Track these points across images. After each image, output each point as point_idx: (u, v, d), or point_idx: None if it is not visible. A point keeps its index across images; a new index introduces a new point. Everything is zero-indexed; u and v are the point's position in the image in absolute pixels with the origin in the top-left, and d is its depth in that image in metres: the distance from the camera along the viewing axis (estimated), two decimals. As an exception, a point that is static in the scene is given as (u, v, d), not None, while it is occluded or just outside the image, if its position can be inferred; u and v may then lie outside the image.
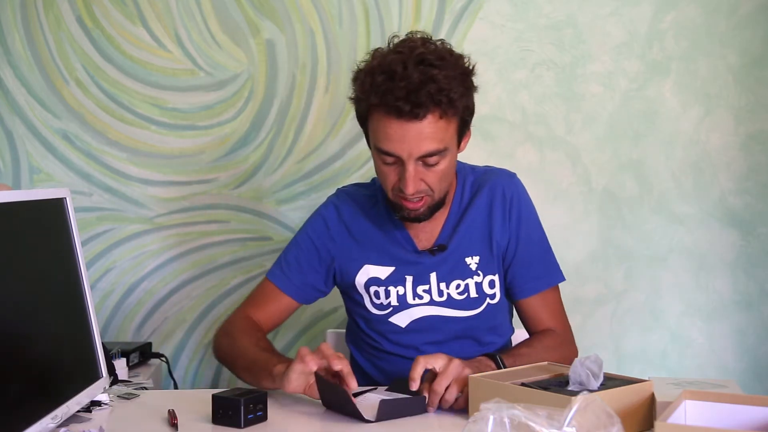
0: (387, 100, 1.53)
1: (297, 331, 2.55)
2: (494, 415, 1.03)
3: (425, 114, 1.53)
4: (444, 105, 1.54)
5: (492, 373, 1.49)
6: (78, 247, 1.52)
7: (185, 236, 2.56)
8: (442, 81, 1.53)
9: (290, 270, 1.78)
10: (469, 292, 1.74)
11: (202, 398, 1.56)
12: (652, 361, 2.51)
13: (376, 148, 1.61)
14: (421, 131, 1.55)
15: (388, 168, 1.61)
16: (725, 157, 2.47)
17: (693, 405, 1.26)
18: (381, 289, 1.75)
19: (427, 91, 1.52)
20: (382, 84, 1.54)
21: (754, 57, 2.45)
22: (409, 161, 1.57)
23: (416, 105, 1.52)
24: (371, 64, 1.60)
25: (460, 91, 1.56)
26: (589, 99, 2.49)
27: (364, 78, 1.59)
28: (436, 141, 1.56)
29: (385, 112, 1.55)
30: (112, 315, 2.57)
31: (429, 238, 1.75)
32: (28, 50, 2.52)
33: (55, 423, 1.34)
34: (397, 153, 1.57)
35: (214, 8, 2.51)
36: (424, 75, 1.52)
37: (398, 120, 1.54)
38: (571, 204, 2.51)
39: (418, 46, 1.58)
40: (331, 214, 1.79)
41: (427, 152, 1.57)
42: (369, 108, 1.59)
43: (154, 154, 2.55)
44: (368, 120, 1.62)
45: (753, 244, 2.48)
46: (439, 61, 1.56)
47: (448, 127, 1.58)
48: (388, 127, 1.56)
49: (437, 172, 1.61)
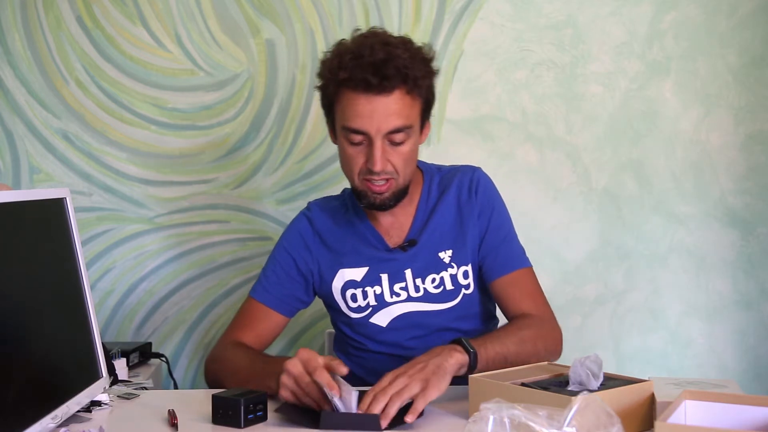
0: (355, 74, 1.59)
1: (297, 331, 2.55)
2: (494, 415, 1.03)
3: (393, 88, 1.60)
4: (410, 82, 1.61)
5: (492, 373, 1.49)
6: (78, 247, 1.52)
7: (185, 236, 2.56)
8: (407, 60, 1.61)
9: (270, 284, 1.80)
10: (444, 285, 1.76)
11: (202, 398, 1.56)
12: (652, 361, 2.51)
13: (344, 128, 1.65)
14: (389, 107, 1.60)
15: (355, 150, 1.65)
16: (725, 157, 2.48)
17: (693, 405, 1.26)
18: (358, 291, 1.77)
19: (394, 65, 1.59)
20: (350, 61, 1.61)
21: (754, 57, 2.45)
22: (377, 137, 1.62)
23: (384, 78, 1.58)
24: (337, 50, 1.67)
25: (422, 71, 1.64)
26: (589, 99, 2.49)
27: (331, 61, 1.66)
28: (402, 117, 1.62)
29: (353, 87, 1.61)
30: (112, 315, 2.57)
31: (399, 234, 1.78)
32: (28, 50, 2.52)
33: (55, 423, 1.34)
34: (365, 129, 1.62)
35: (214, 8, 2.51)
36: (389, 54, 1.60)
37: (366, 95, 1.60)
38: (571, 204, 2.51)
39: (382, 33, 1.67)
40: (304, 226, 1.82)
41: (395, 128, 1.62)
42: (338, 88, 1.64)
43: (154, 154, 2.55)
44: (336, 102, 1.67)
45: (753, 244, 2.48)
46: (402, 44, 1.64)
47: (414, 105, 1.64)
48: (357, 104, 1.61)
49: (402, 153, 1.65)
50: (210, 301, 2.57)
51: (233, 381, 1.63)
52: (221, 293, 2.57)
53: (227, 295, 2.57)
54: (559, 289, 2.50)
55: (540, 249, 2.47)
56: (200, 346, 2.58)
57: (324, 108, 1.73)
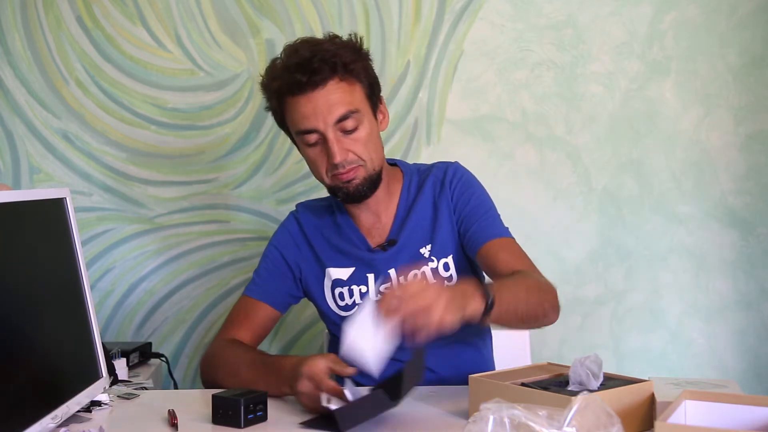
0: (286, 79, 1.64)
1: (297, 332, 2.54)
2: (494, 415, 1.03)
3: (325, 80, 1.63)
4: (340, 69, 1.64)
5: (492, 373, 1.49)
6: (78, 247, 1.52)
7: (185, 236, 2.56)
8: (332, 51, 1.64)
9: (263, 280, 1.83)
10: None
11: (202, 398, 1.56)
12: (652, 361, 2.51)
13: (297, 133, 1.69)
14: (328, 98, 1.63)
15: (315, 151, 1.68)
16: (725, 157, 2.47)
17: (693, 405, 1.26)
18: (344, 289, 1.79)
19: (319, 58, 1.62)
20: (279, 69, 1.67)
21: (754, 57, 2.45)
22: (328, 130, 1.64)
23: (312, 72, 1.62)
24: (270, 65, 1.73)
25: (350, 56, 1.66)
26: (589, 99, 2.49)
27: (266, 77, 1.72)
28: (344, 104, 1.64)
29: (290, 92, 1.65)
30: (112, 315, 2.57)
31: (381, 234, 1.80)
32: (28, 50, 2.52)
33: (55, 423, 1.34)
34: (313, 126, 1.64)
35: (214, 8, 2.51)
36: (313, 50, 1.64)
37: (304, 94, 1.63)
38: (571, 204, 2.51)
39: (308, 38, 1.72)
40: (293, 226, 1.86)
41: (340, 115, 1.64)
42: (279, 99, 1.68)
43: (154, 154, 2.55)
44: (284, 114, 1.71)
45: (753, 244, 2.48)
46: (327, 41, 1.69)
47: (353, 90, 1.66)
48: (299, 106, 1.65)
49: (359, 139, 1.67)
50: (210, 301, 2.57)
51: (232, 382, 1.63)
52: (221, 293, 2.57)
53: (227, 295, 2.57)
54: (559, 289, 2.47)
55: (540, 249, 2.47)
56: (200, 346, 2.58)
57: (280, 126, 1.77)
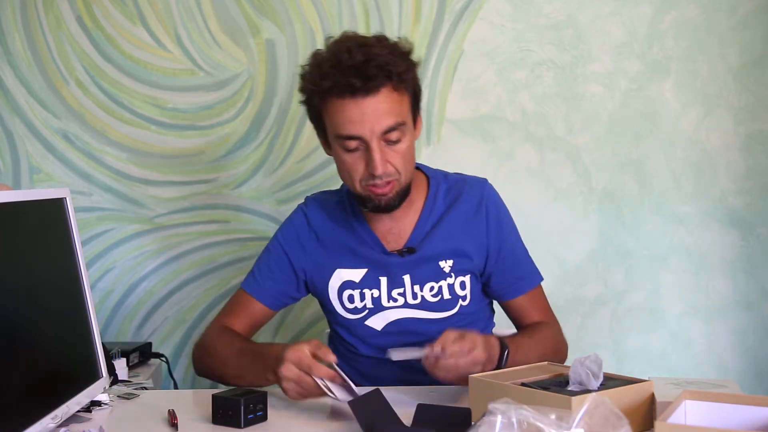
0: (339, 80, 1.56)
1: (297, 331, 2.54)
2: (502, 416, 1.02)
3: (378, 87, 1.57)
4: (395, 78, 1.58)
5: (492, 373, 1.49)
6: (78, 247, 1.52)
7: (185, 236, 2.56)
8: (387, 56, 1.58)
9: (262, 277, 1.79)
10: (442, 294, 1.74)
11: (202, 398, 1.56)
12: (652, 361, 2.51)
13: (337, 137, 1.62)
14: (378, 107, 1.57)
15: (353, 157, 1.62)
16: (725, 157, 2.47)
17: (693, 405, 1.26)
18: (356, 292, 1.75)
19: (375, 64, 1.56)
20: (330, 70, 1.58)
21: (754, 57, 2.45)
22: (373, 139, 1.58)
23: (368, 78, 1.55)
24: (315, 61, 1.64)
25: (404, 65, 1.61)
26: (589, 99, 2.49)
27: (312, 72, 1.63)
28: (394, 114, 1.59)
29: (339, 94, 1.58)
30: (112, 315, 2.57)
31: (397, 239, 1.75)
32: (28, 50, 2.52)
33: (55, 423, 1.34)
34: (359, 134, 1.58)
35: (214, 8, 2.51)
36: (368, 54, 1.57)
37: (354, 99, 1.57)
38: (571, 204, 2.51)
39: (356, 36, 1.64)
40: (300, 222, 1.80)
41: (388, 126, 1.59)
42: (323, 98, 1.61)
43: (154, 154, 2.55)
44: (324, 113, 1.64)
45: (753, 244, 2.48)
46: (377, 42, 1.61)
47: (402, 100, 1.62)
48: (346, 110, 1.58)
49: (400, 151, 1.62)
50: (210, 301, 2.57)
51: (222, 371, 1.67)
52: (221, 293, 2.57)
53: (227, 295, 2.56)
54: (559, 289, 2.50)
55: (540, 249, 2.47)
56: (200, 346, 2.58)
57: (312, 121, 1.70)
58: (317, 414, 1.51)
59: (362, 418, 1.31)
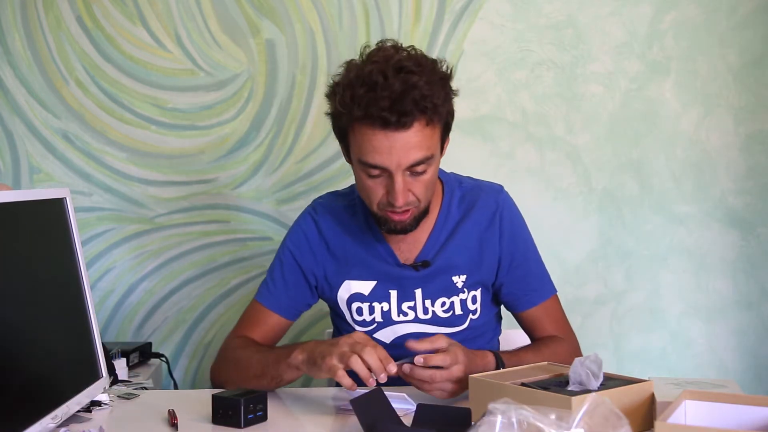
0: (372, 111, 1.48)
1: (297, 331, 2.54)
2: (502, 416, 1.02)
3: (411, 123, 1.50)
4: (429, 112, 1.51)
5: (492, 373, 1.49)
6: (78, 247, 1.52)
7: (185, 236, 2.56)
8: (424, 87, 1.50)
9: (276, 288, 1.75)
10: (454, 310, 1.72)
11: (202, 398, 1.56)
12: (652, 361, 2.51)
13: (360, 162, 1.56)
14: (408, 141, 1.51)
15: (374, 182, 1.57)
16: (725, 157, 2.48)
17: (693, 405, 1.26)
18: (365, 305, 1.72)
19: (412, 98, 1.48)
20: (364, 96, 1.49)
21: (754, 57, 2.45)
22: (398, 172, 1.53)
23: (402, 114, 1.48)
24: (348, 76, 1.55)
25: (442, 96, 1.54)
26: (589, 99, 2.49)
27: (344, 91, 1.54)
28: (423, 149, 1.53)
29: (370, 124, 1.50)
30: (112, 315, 2.57)
31: (411, 250, 1.71)
32: (28, 50, 2.52)
33: (55, 423, 1.34)
34: (384, 165, 1.52)
35: (214, 8, 2.51)
36: (406, 83, 1.49)
37: (384, 131, 1.50)
38: (571, 204, 2.51)
39: (393, 54, 1.54)
40: (310, 230, 1.75)
41: (416, 161, 1.53)
42: (351, 121, 1.53)
43: (154, 154, 2.55)
44: (350, 133, 1.56)
45: (753, 244, 2.48)
46: (417, 67, 1.52)
47: (434, 133, 1.55)
48: (374, 140, 1.51)
49: (424, 181, 1.57)
50: (210, 301, 2.57)
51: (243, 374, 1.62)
52: (221, 293, 2.57)
53: (227, 295, 2.57)
54: (559, 289, 2.47)
55: (540, 249, 2.46)
56: (200, 346, 2.58)
57: (336, 134, 1.62)
58: (317, 414, 1.51)
59: (363, 418, 1.31)
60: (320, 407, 1.55)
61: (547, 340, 1.74)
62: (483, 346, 1.76)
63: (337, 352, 1.44)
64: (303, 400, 1.59)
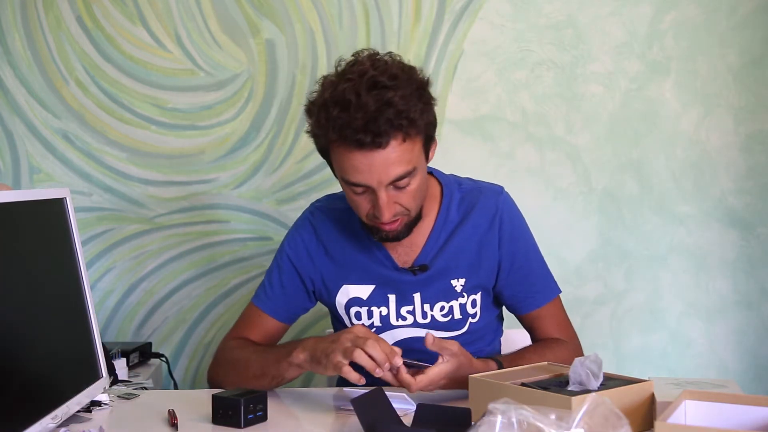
0: (346, 134, 1.47)
1: (297, 331, 2.54)
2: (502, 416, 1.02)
3: (388, 141, 1.48)
4: (405, 128, 1.49)
5: (492, 373, 1.49)
6: (78, 247, 1.52)
7: (185, 236, 2.56)
8: (399, 103, 1.47)
9: (274, 292, 1.75)
10: (453, 314, 1.71)
11: (202, 398, 1.56)
12: (652, 361, 2.51)
13: (343, 179, 1.56)
14: (387, 158, 1.49)
15: (360, 197, 1.57)
16: (725, 157, 2.48)
17: (693, 405, 1.26)
18: (363, 310, 1.71)
19: (386, 118, 1.46)
20: (338, 118, 1.48)
21: (754, 57, 2.45)
22: (380, 189, 1.52)
23: (377, 134, 1.46)
24: (323, 96, 1.54)
25: (419, 108, 1.51)
26: (589, 99, 2.49)
27: (318, 112, 1.53)
28: (403, 164, 1.51)
29: (346, 145, 1.49)
30: (112, 315, 2.57)
31: (408, 253, 1.70)
32: (28, 50, 2.52)
33: (55, 423, 1.34)
34: (366, 183, 1.52)
35: (214, 8, 2.51)
36: (380, 101, 1.46)
37: (361, 151, 1.49)
38: (571, 204, 2.51)
39: (368, 69, 1.51)
40: (308, 234, 1.75)
41: (396, 176, 1.52)
42: (328, 143, 1.53)
43: (154, 154, 2.55)
44: (330, 153, 1.56)
45: (753, 244, 2.48)
46: (391, 81, 1.49)
47: (413, 147, 1.53)
48: (353, 160, 1.50)
49: (409, 192, 1.56)
50: (210, 301, 2.57)
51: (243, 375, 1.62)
52: (221, 293, 2.57)
53: (227, 295, 2.57)
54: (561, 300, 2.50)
55: (540, 249, 2.47)
56: (200, 346, 2.58)
57: (319, 151, 1.61)
58: (317, 414, 1.51)
59: (363, 418, 1.31)
60: (320, 407, 1.55)
61: (550, 342, 1.73)
62: (483, 348, 1.76)
63: (340, 348, 1.44)
64: (303, 400, 1.59)
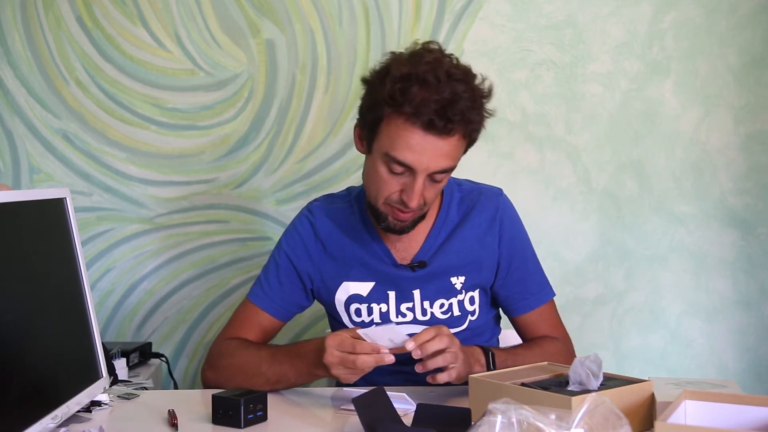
0: (422, 110, 1.48)
1: (297, 331, 2.55)
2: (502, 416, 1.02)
3: (451, 133, 1.51)
4: (470, 125, 1.54)
5: (492, 373, 1.49)
6: (78, 247, 1.52)
7: (185, 236, 2.56)
8: (468, 102, 1.52)
9: (271, 289, 1.75)
10: (452, 311, 1.72)
11: (202, 398, 1.56)
12: (652, 361, 2.51)
13: (387, 155, 1.54)
14: (442, 148, 1.52)
15: (393, 177, 1.56)
16: (725, 157, 2.48)
17: (693, 405, 1.26)
18: (363, 307, 1.72)
19: (459, 108, 1.50)
20: (417, 93, 1.49)
21: (754, 57, 2.45)
22: (422, 175, 1.53)
23: (449, 121, 1.49)
24: (401, 70, 1.52)
25: (480, 118, 1.57)
26: (589, 99, 2.49)
27: (394, 84, 1.51)
28: (450, 159, 1.55)
29: (413, 122, 1.50)
30: (112, 315, 2.57)
31: (407, 250, 1.71)
32: (28, 50, 2.52)
33: (55, 423, 1.34)
34: (413, 165, 1.52)
35: (214, 8, 2.51)
36: (455, 92, 1.50)
37: (425, 132, 1.50)
38: (571, 204, 2.51)
39: (441, 59, 1.55)
40: (307, 231, 1.75)
41: (441, 169, 1.54)
42: (393, 114, 1.52)
43: (154, 154, 2.55)
44: (383, 124, 1.54)
45: (753, 244, 2.48)
46: (465, 77, 1.55)
47: (461, 147, 1.57)
48: (412, 138, 1.51)
49: (437, 188, 1.59)
50: (210, 301, 2.57)
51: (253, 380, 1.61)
52: (221, 293, 2.57)
53: (227, 295, 2.57)
54: (559, 289, 2.48)
55: (540, 249, 2.45)
56: (200, 346, 2.58)
57: (365, 120, 1.59)
58: (317, 414, 1.51)
59: (363, 417, 1.32)
60: (320, 407, 1.55)
61: (540, 339, 1.76)
62: (482, 333, 1.78)
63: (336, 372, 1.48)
64: (303, 400, 1.59)
